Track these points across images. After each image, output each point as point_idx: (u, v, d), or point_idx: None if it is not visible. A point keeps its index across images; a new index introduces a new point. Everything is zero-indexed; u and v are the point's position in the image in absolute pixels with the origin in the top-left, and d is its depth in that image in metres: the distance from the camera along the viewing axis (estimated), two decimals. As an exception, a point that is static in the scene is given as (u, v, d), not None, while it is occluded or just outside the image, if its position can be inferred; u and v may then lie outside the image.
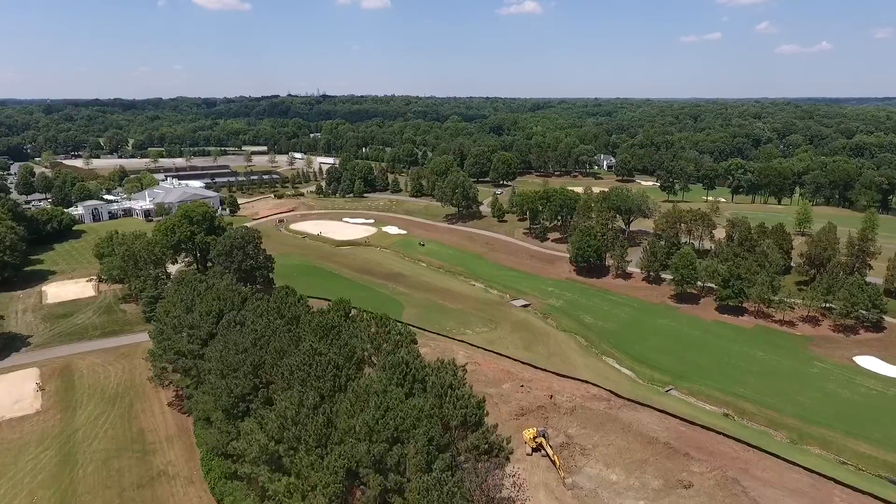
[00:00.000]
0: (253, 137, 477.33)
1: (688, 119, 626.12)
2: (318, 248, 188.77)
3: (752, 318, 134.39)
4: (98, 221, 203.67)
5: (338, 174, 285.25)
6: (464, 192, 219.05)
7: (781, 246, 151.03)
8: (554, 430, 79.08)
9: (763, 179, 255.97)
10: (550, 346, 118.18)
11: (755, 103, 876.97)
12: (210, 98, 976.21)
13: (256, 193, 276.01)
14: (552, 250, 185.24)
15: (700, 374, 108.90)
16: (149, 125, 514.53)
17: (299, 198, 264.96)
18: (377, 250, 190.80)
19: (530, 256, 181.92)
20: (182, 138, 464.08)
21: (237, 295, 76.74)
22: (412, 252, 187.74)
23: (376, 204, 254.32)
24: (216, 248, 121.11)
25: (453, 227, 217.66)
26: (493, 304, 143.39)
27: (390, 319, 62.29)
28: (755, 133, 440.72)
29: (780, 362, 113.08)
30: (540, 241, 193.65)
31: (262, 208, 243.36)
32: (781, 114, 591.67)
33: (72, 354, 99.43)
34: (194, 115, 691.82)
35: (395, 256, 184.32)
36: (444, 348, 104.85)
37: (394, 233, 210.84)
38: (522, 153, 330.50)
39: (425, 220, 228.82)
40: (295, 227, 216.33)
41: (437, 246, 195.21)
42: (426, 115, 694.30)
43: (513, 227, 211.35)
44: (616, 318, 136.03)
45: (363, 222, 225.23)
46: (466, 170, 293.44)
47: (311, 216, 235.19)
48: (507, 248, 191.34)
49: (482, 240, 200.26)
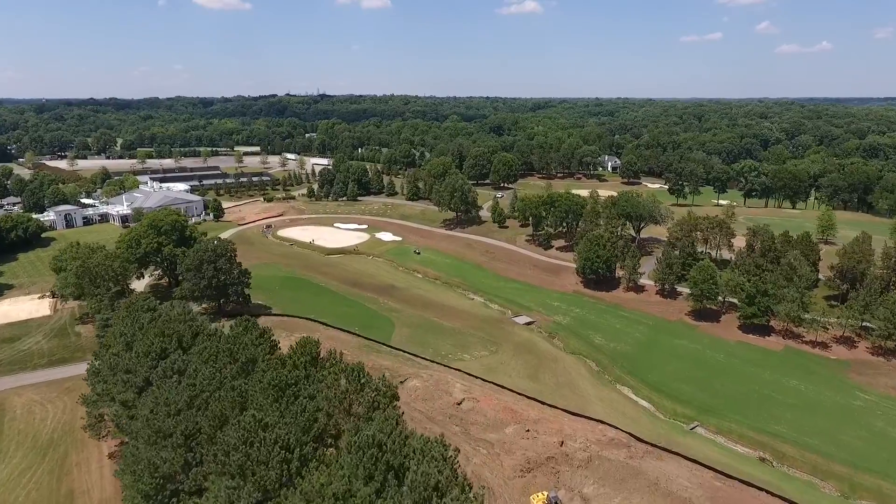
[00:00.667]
0: (246, 137, 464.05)
1: (692, 119, 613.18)
2: (306, 258, 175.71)
3: (781, 338, 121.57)
4: (72, 228, 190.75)
5: (331, 176, 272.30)
6: (462, 196, 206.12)
7: (808, 257, 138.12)
8: (567, 490, 66.14)
9: (777, 182, 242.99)
10: (558, 374, 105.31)
11: (758, 103, 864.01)
12: (207, 97, 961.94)
13: (245, 196, 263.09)
14: (557, 259, 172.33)
15: (728, 407, 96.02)
16: (140, 125, 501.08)
17: (289, 201, 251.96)
18: (369, 259, 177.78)
19: (533, 266, 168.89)
20: (173, 138, 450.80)
21: (188, 328, 64.05)
22: (407, 261, 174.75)
23: (370, 208, 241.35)
24: (184, 262, 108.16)
25: (451, 234, 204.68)
26: (494, 321, 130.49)
27: (364, 373, 49.63)
28: (763, 133, 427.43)
29: (818, 393, 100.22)
30: (544, 250, 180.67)
31: (250, 213, 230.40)
32: (788, 114, 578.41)
33: (8, 389, 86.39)
34: (188, 114, 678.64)
35: (389, 266, 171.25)
36: (438, 380, 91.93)
37: (388, 240, 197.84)
38: (524, 154, 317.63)
39: (422, 226, 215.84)
40: (283, 234, 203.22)
41: (433, 254, 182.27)
42: (425, 114, 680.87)
43: (514, 233, 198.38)
44: (629, 338, 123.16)
45: (356, 228, 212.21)
46: (465, 172, 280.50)
47: (300, 221, 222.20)
48: (509, 256, 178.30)
49: (482, 247, 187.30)
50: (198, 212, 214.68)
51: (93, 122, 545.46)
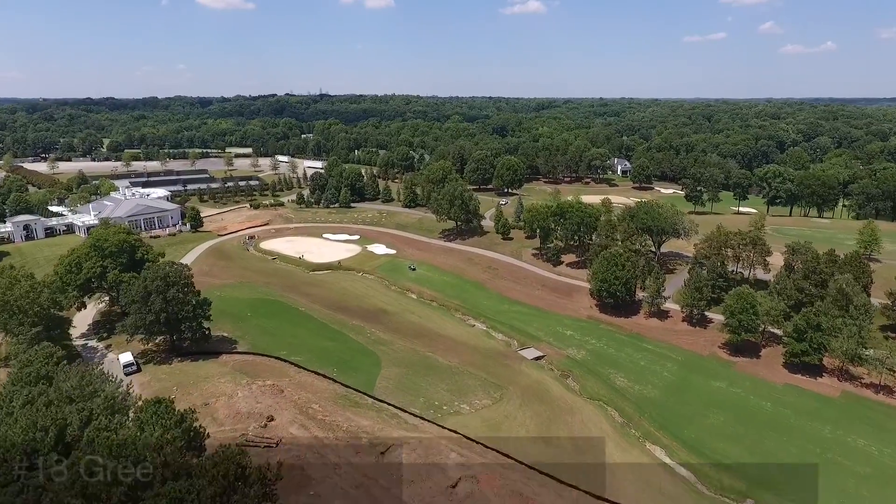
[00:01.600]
0: (240, 138, 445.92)
1: (701, 120, 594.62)
2: (288, 275, 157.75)
3: (835, 380, 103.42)
4: (32, 240, 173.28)
5: (323, 181, 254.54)
6: (463, 204, 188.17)
7: (859, 280, 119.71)
8: None
9: (804, 189, 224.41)
10: (575, 430, 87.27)
11: (766, 103, 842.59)
12: (206, 97, 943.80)
13: (231, 203, 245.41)
14: (568, 277, 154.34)
15: (789, 480, 77.94)
16: (132, 125, 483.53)
17: (277, 209, 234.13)
18: (359, 277, 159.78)
19: (542, 286, 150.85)
20: (164, 139, 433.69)
21: (77, 413, 46.41)
22: (400, 279, 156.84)
23: (364, 216, 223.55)
24: (128, 293, 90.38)
25: (450, 246, 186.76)
26: (498, 355, 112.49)
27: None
28: (779, 135, 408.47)
29: (894, 458, 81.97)
30: (553, 266, 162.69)
31: (233, 221, 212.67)
32: (802, 114, 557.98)
33: None
34: (184, 115, 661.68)
35: (380, 285, 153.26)
36: (428, 448, 73.84)
37: (381, 252, 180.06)
38: (529, 157, 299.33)
39: (418, 237, 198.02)
40: (266, 246, 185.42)
41: (430, 270, 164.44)
42: (426, 114, 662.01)
43: (520, 246, 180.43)
44: (656, 378, 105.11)
45: (346, 239, 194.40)
46: (467, 176, 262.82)
47: (286, 231, 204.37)
48: (514, 273, 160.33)
49: (484, 262, 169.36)
50: (174, 221, 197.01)
51: (83, 122, 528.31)
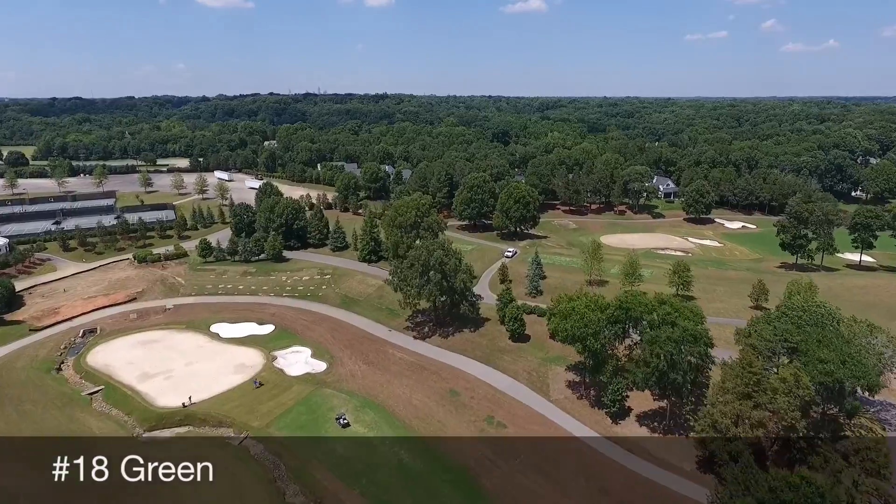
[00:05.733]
0: (185, 147, 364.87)
1: (731, 122, 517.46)
2: (94, 446, 78.28)
3: None
4: None
5: (249, 217, 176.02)
6: (445, 279, 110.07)
7: None
8: None
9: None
10: None
11: (790, 101, 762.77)
12: (193, 97, 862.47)
13: (112, 252, 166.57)
14: (644, 457, 76.13)
15: None
16: (60, 131, 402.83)
17: (169, 265, 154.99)
18: (228, 456, 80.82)
19: (600, 490, 72.16)
20: (90, 148, 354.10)
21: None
22: (312, 456, 78.32)
23: (296, 280, 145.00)
24: None
25: (421, 354, 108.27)
26: None
27: None
28: (847, 142, 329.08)
29: None
30: (612, 421, 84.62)
31: (79, 296, 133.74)
32: (858, 117, 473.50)
33: None
34: (144, 116, 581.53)
35: (260, 491, 74.31)
36: None
37: (297, 373, 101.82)
38: (543, 177, 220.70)
39: (372, 328, 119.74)
40: (99, 358, 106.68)
41: (377, 422, 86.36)
42: (418, 116, 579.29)
43: (544, 356, 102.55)
44: None
45: (249, 335, 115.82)
46: (457, 209, 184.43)
47: (155, 318, 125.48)
48: (543, 444, 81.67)
49: (480, 396, 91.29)
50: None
51: (9, 127, 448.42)
